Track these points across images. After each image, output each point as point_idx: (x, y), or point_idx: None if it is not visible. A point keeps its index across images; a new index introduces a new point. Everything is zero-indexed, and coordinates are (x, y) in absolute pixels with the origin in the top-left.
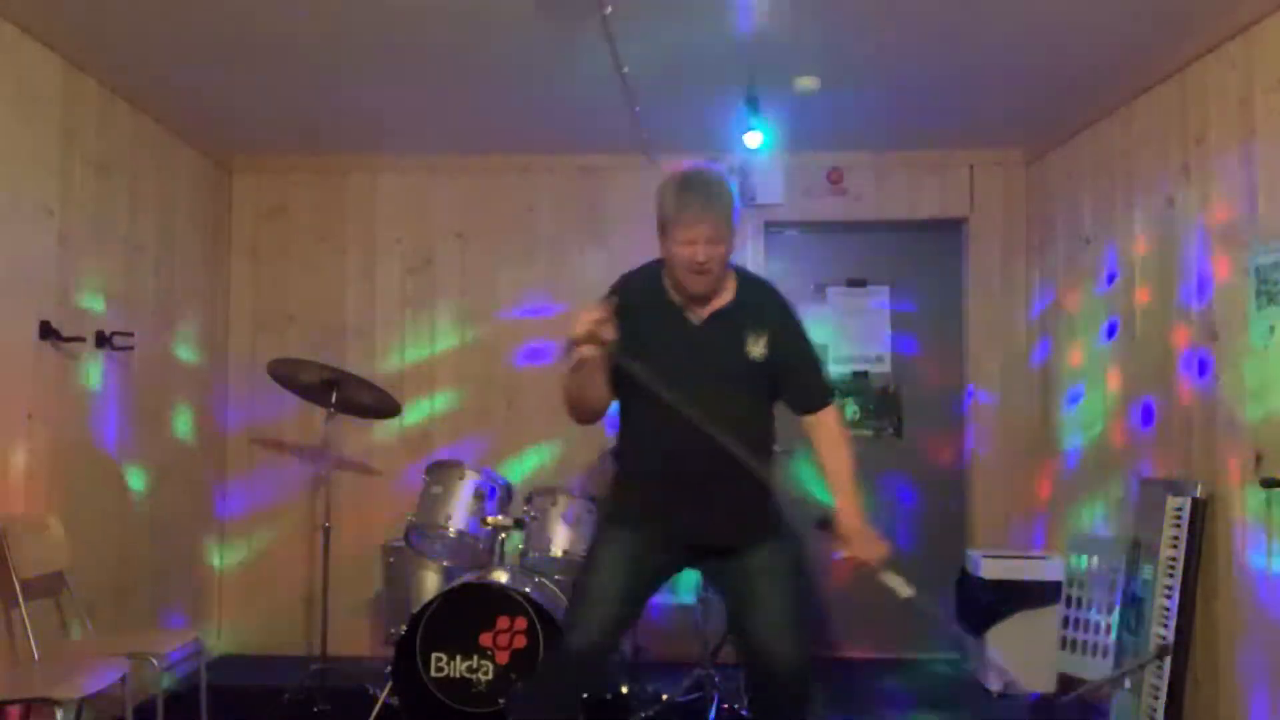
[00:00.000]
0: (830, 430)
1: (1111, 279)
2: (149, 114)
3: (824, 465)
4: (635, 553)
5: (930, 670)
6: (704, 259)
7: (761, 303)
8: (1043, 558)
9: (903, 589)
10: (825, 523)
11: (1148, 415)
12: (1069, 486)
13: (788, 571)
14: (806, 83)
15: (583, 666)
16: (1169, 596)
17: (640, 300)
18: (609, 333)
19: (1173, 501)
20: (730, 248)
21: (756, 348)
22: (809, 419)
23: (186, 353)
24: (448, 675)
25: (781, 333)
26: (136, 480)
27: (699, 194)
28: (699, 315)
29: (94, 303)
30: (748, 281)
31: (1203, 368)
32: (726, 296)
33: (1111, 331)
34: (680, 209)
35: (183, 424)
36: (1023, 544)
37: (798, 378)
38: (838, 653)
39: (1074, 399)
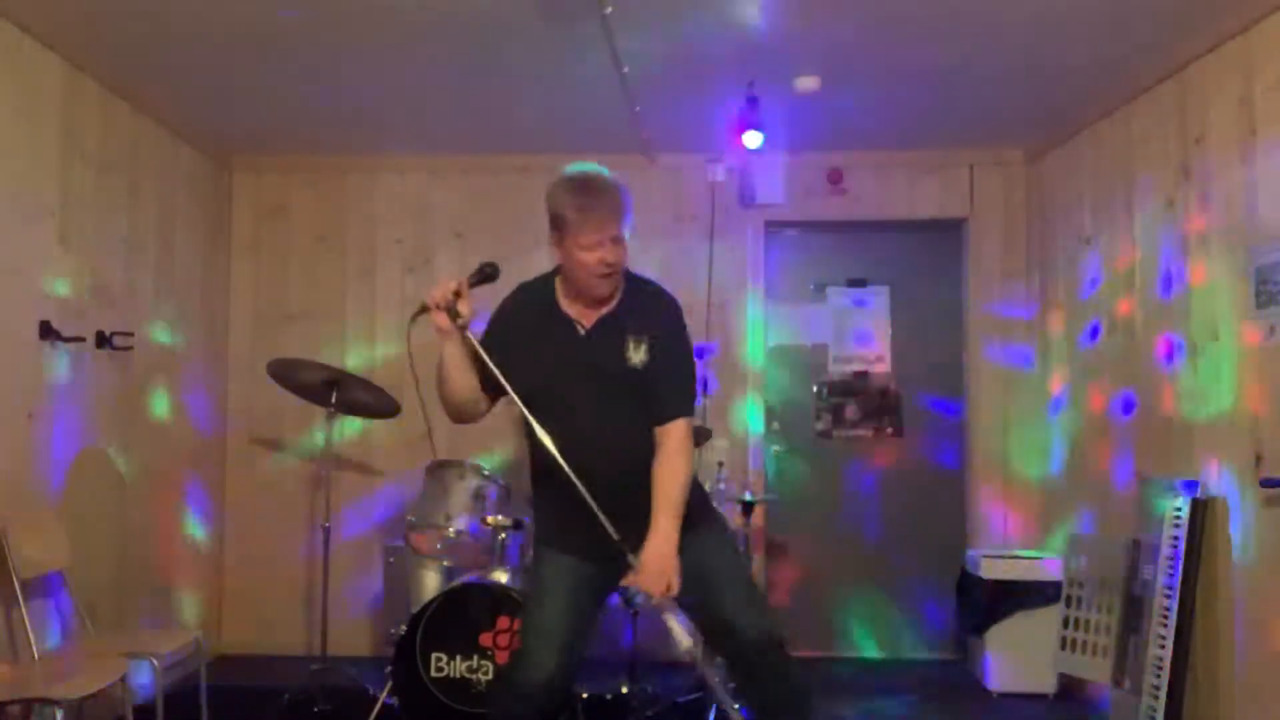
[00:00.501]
0: (670, 446)
1: (1111, 279)
2: (149, 114)
3: (654, 482)
4: (569, 573)
5: (930, 670)
6: (614, 260)
7: (646, 307)
8: (1043, 558)
9: (683, 639)
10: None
11: (1148, 415)
12: (1069, 486)
13: (727, 547)
14: (806, 83)
15: (544, 698)
16: (1169, 596)
17: (532, 315)
18: (465, 307)
19: (1173, 501)
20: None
21: (637, 354)
22: (658, 430)
23: (186, 353)
24: (448, 675)
25: (661, 339)
26: (136, 480)
27: (600, 196)
28: (585, 325)
29: (94, 302)
30: (635, 285)
31: (1203, 368)
32: (613, 302)
33: (1111, 331)
34: (582, 212)
35: (183, 424)
36: (1023, 544)
37: (657, 386)
38: (838, 653)
39: (1074, 399)
